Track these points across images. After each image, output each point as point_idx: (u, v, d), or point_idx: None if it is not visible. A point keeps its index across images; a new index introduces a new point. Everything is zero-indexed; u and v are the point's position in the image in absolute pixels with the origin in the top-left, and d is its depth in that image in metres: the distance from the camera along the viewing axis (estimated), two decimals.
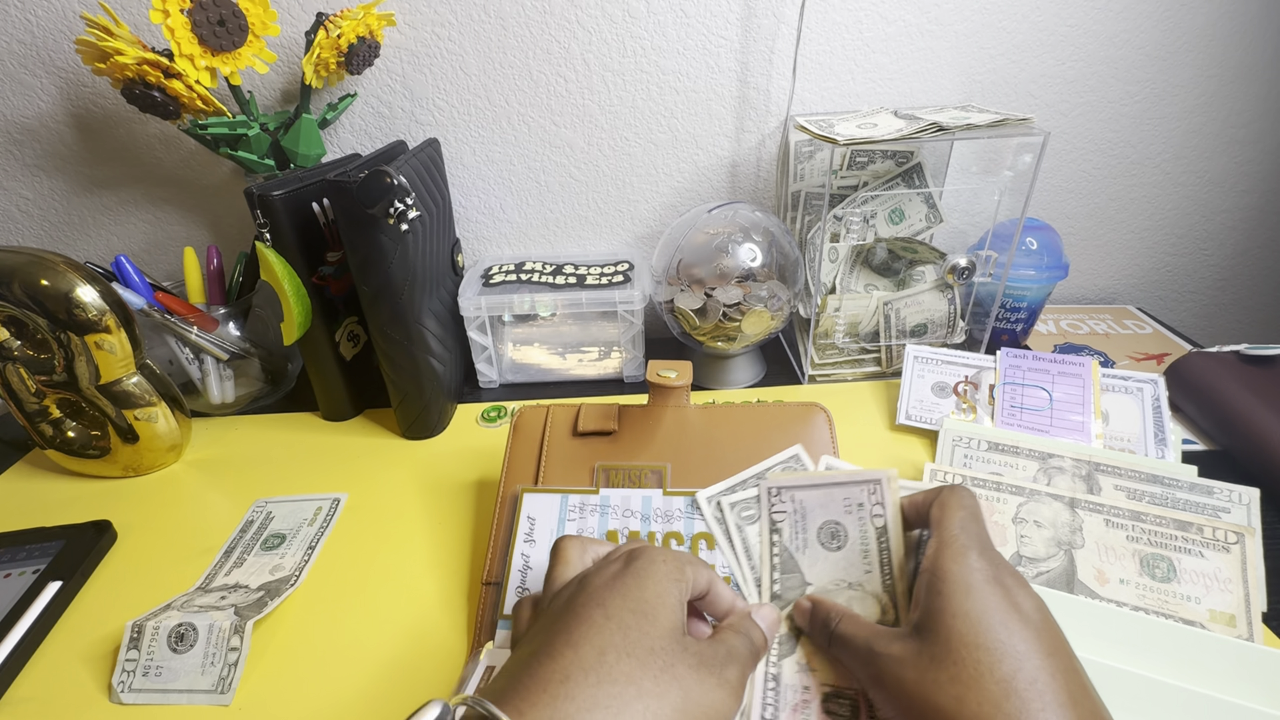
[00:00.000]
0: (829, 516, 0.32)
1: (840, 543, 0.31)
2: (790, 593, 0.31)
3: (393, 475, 0.53)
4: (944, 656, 0.23)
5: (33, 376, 0.50)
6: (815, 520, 0.32)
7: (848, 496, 0.31)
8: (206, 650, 0.36)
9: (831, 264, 0.64)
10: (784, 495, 0.33)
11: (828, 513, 0.32)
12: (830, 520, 0.32)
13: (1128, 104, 0.68)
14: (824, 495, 0.32)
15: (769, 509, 0.33)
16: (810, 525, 0.32)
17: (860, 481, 0.31)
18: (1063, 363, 0.53)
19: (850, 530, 0.31)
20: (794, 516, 0.32)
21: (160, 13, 0.48)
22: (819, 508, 0.32)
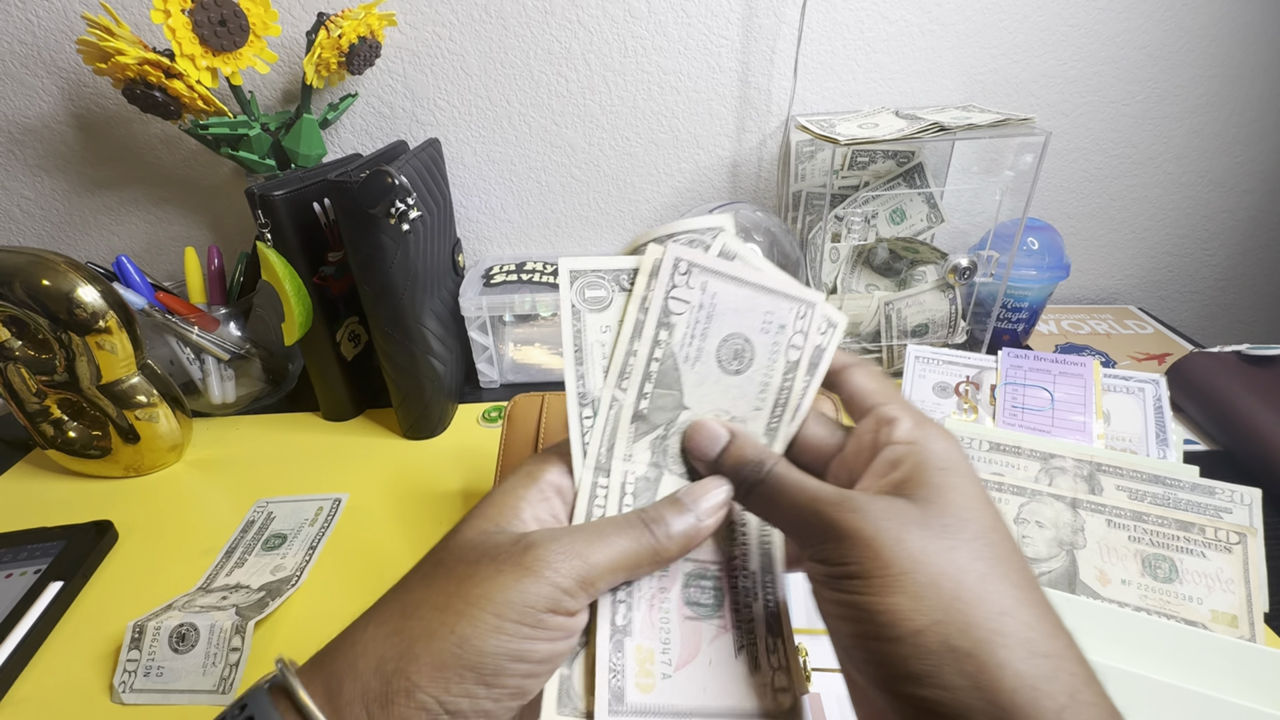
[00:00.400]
0: (740, 328, 0.24)
1: (740, 366, 0.24)
2: (659, 415, 0.23)
3: (394, 475, 0.53)
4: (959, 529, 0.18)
5: (34, 376, 0.50)
6: (722, 327, 0.24)
7: (770, 311, 0.24)
8: (208, 650, 0.36)
9: (833, 264, 0.64)
10: (694, 278, 0.23)
11: (741, 322, 0.24)
12: (739, 334, 0.24)
13: (1129, 104, 0.68)
14: (745, 298, 0.24)
15: (667, 289, 0.23)
16: (714, 332, 0.24)
17: (792, 297, 0.24)
18: (1064, 363, 0.53)
19: (758, 354, 0.24)
20: (697, 313, 0.23)
21: (161, 13, 0.49)
22: (733, 313, 0.23)
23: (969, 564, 0.17)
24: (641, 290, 0.23)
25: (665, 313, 0.23)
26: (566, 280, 0.23)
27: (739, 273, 0.23)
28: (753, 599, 0.24)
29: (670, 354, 0.23)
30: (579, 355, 0.23)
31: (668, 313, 0.23)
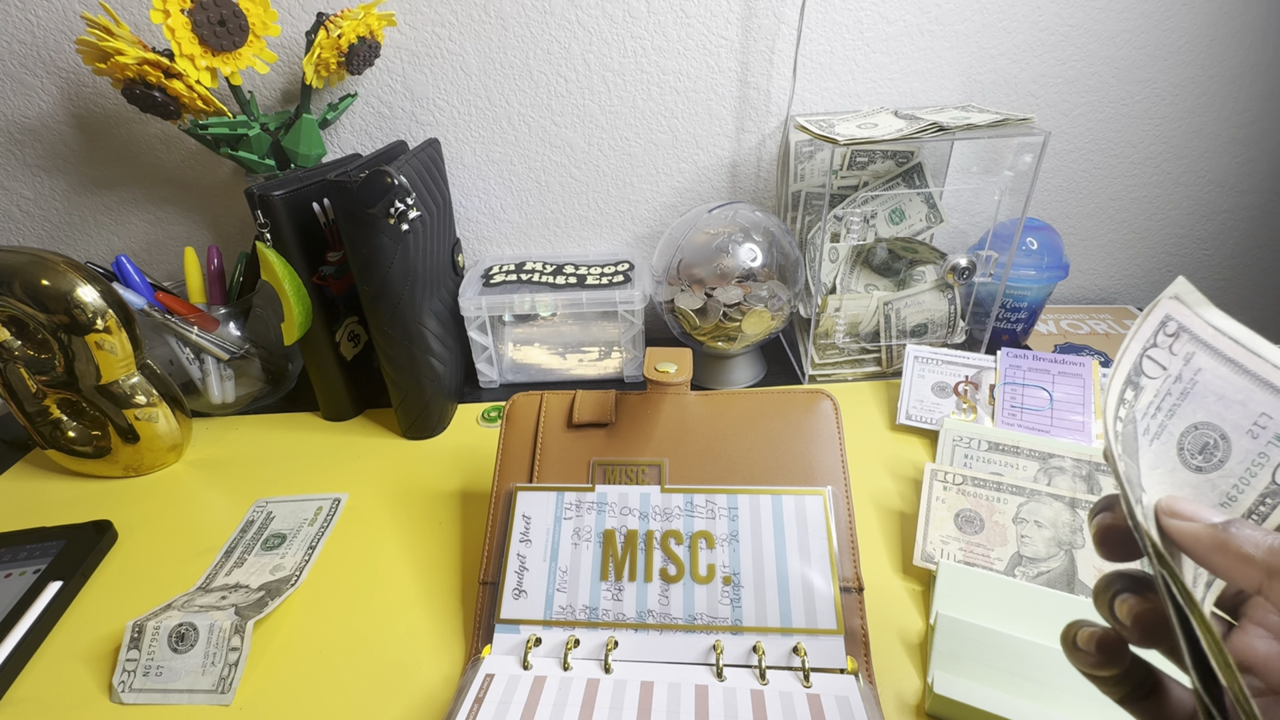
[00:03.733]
0: (1217, 419, 0.19)
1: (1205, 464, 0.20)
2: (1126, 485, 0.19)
3: (393, 475, 0.53)
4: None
5: (33, 376, 0.50)
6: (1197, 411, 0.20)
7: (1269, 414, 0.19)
8: (207, 650, 0.36)
9: (832, 264, 0.64)
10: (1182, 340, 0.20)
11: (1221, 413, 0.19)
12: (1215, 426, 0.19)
13: (1128, 104, 0.68)
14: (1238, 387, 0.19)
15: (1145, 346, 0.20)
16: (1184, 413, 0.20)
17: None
18: (1063, 363, 0.53)
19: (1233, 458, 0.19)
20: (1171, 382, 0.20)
21: (161, 13, 0.49)
22: (1214, 398, 0.19)
23: None
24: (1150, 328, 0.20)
25: (1136, 370, 0.20)
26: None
27: (1238, 355, 0.19)
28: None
29: (1132, 419, 0.20)
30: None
31: (1139, 371, 0.20)
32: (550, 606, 0.36)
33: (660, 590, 0.36)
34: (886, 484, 0.49)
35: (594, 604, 0.36)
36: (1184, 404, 0.20)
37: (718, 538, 0.37)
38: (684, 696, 0.32)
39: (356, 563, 0.44)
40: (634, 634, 0.35)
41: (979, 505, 0.42)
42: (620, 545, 0.38)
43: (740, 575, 0.36)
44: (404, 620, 0.40)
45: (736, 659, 0.34)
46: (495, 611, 0.37)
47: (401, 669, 0.37)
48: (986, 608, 0.36)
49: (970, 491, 0.42)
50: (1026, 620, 0.35)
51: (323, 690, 0.36)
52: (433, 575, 0.43)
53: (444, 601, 0.41)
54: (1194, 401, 0.20)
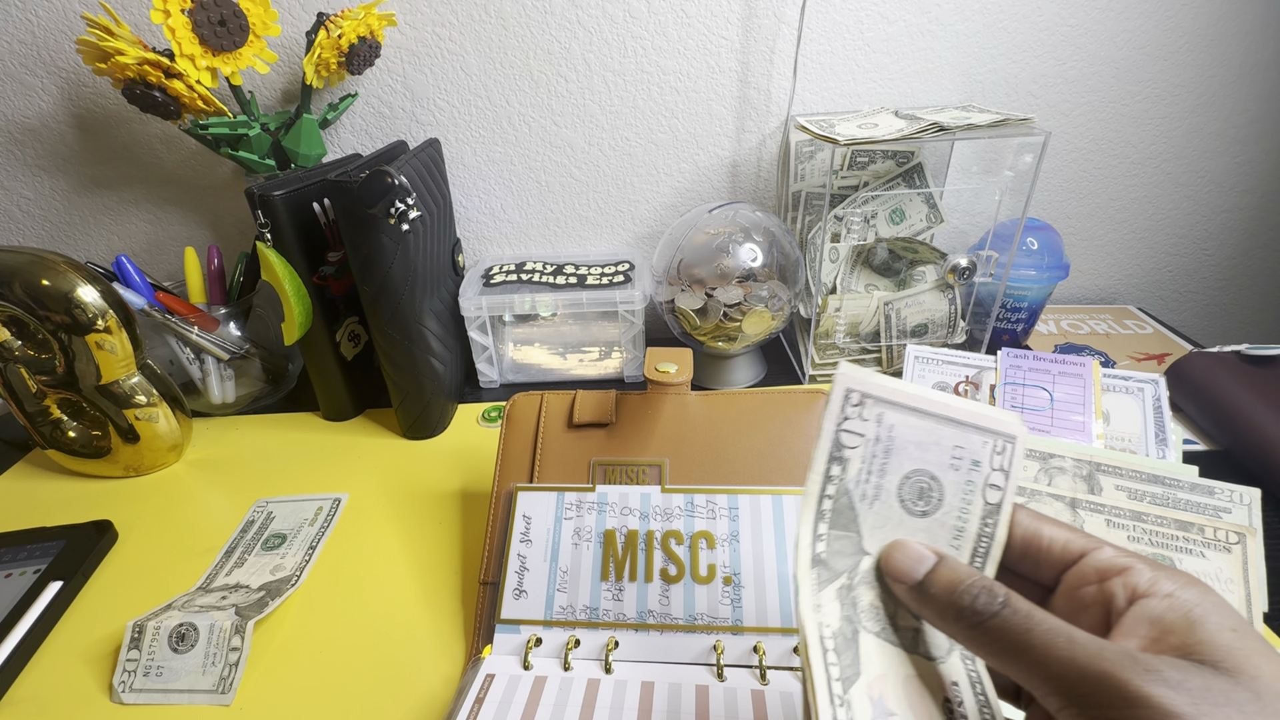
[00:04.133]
0: (924, 465, 0.21)
1: (927, 507, 0.21)
2: (839, 561, 0.21)
3: (393, 475, 0.53)
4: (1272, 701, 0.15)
5: (33, 376, 0.50)
6: (904, 463, 0.21)
7: (961, 445, 0.21)
8: (207, 650, 0.36)
9: (832, 264, 0.64)
10: (869, 409, 0.21)
11: (926, 459, 0.21)
12: (923, 470, 0.21)
13: (1129, 104, 0.68)
14: (929, 431, 0.21)
15: (837, 423, 0.21)
16: (894, 469, 0.21)
17: (988, 431, 0.21)
18: (1063, 363, 0.53)
19: (947, 493, 0.21)
20: (873, 447, 0.21)
21: (161, 13, 0.49)
22: (915, 447, 0.21)
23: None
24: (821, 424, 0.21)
25: (837, 446, 0.21)
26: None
27: (920, 403, 0.21)
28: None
29: (845, 491, 0.21)
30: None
31: (839, 446, 0.21)
32: (551, 607, 0.36)
33: (661, 590, 0.36)
34: None
35: (594, 604, 0.36)
36: (890, 460, 0.21)
37: (718, 538, 0.37)
38: (684, 696, 0.32)
39: (357, 563, 0.44)
40: (634, 634, 0.35)
41: None
42: (621, 545, 0.38)
43: (741, 575, 0.36)
44: (404, 620, 0.40)
45: (737, 659, 0.34)
46: (495, 612, 0.37)
47: (402, 669, 0.37)
48: None
49: None
50: None
51: (323, 690, 0.36)
52: (433, 575, 0.43)
53: (444, 602, 0.41)
54: (898, 455, 0.21)
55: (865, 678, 0.19)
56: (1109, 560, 0.18)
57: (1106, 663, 0.16)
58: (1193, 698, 0.15)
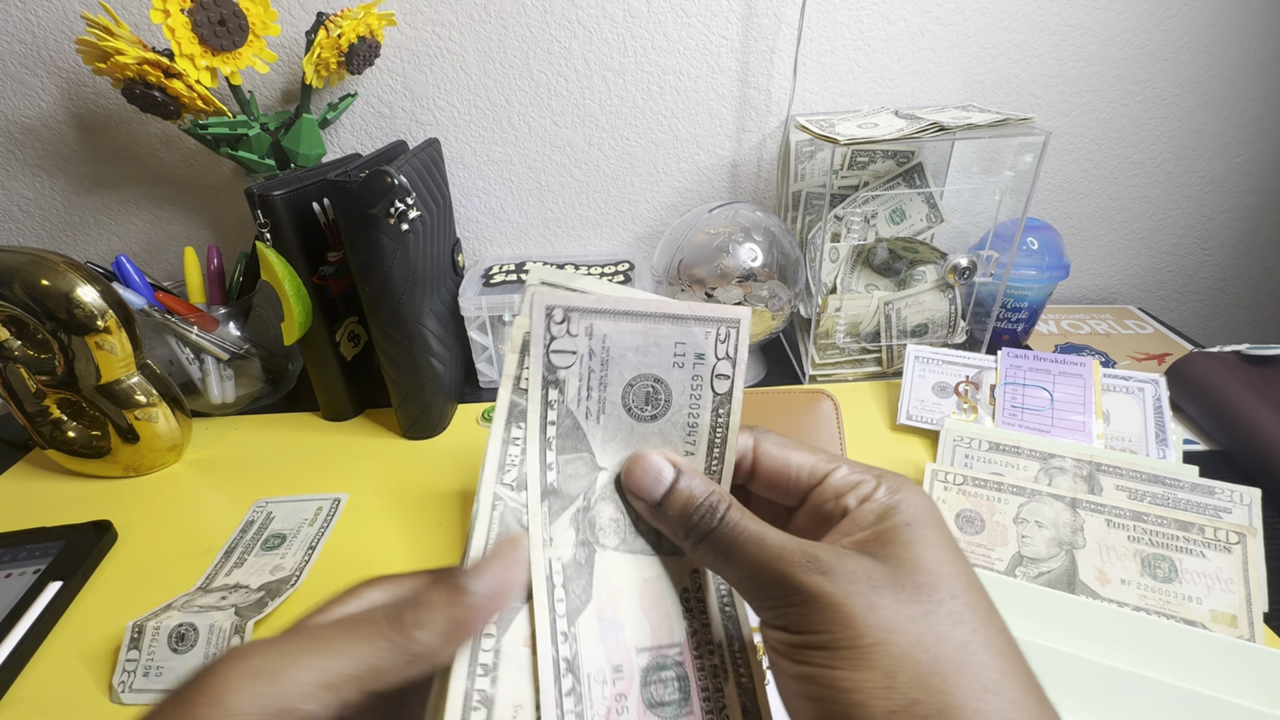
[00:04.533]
0: (646, 369, 0.20)
1: (656, 410, 0.21)
2: (573, 485, 0.20)
3: (393, 475, 0.53)
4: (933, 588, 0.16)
5: (33, 376, 0.50)
6: (624, 371, 0.20)
7: (682, 341, 0.20)
8: (207, 650, 0.36)
9: (832, 264, 0.64)
10: (575, 322, 0.20)
11: (646, 362, 0.20)
12: (646, 375, 0.20)
13: (1129, 103, 0.68)
14: (644, 333, 0.20)
15: (545, 343, 0.20)
16: (614, 379, 0.20)
17: (708, 319, 0.20)
18: (1064, 363, 0.53)
19: (675, 393, 0.21)
20: (589, 362, 0.20)
21: (161, 12, 0.48)
22: (634, 352, 0.20)
23: (947, 631, 0.16)
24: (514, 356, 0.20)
25: (550, 369, 0.20)
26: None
27: (631, 305, 0.20)
28: (724, 679, 0.20)
29: (567, 413, 0.20)
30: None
31: (551, 369, 0.20)
32: None
33: None
34: None
35: None
36: (610, 370, 0.20)
37: None
38: None
39: (356, 563, 0.44)
40: None
41: (980, 505, 0.42)
42: None
43: None
44: None
45: None
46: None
47: None
48: None
49: (971, 492, 0.42)
50: (1027, 621, 0.35)
51: None
52: None
53: None
54: (616, 365, 0.20)
55: (596, 600, 0.19)
56: (844, 477, 0.20)
57: (782, 560, 0.17)
58: (846, 582, 0.16)
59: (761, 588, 0.18)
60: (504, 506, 0.20)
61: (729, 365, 0.21)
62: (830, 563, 0.17)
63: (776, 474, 0.21)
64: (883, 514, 0.18)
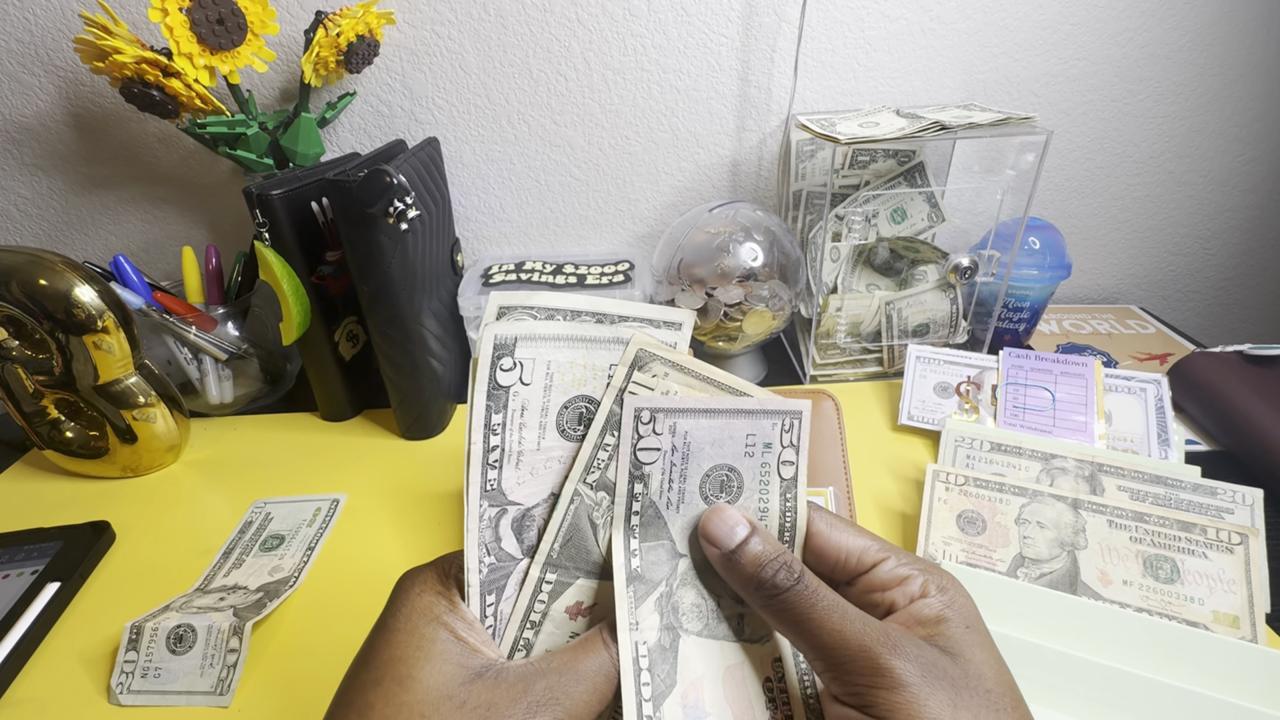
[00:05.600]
0: (722, 459, 0.22)
1: (730, 496, 0.22)
2: (654, 571, 0.21)
3: (392, 476, 0.53)
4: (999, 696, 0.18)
5: (31, 377, 0.50)
6: (702, 463, 0.22)
7: (752, 432, 0.22)
8: (205, 652, 0.36)
9: (833, 263, 0.64)
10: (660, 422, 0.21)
11: (721, 453, 0.22)
12: (721, 465, 0.22)
13: (1131, 102, 0.68)
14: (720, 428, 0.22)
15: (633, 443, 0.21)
16: (694, 470, 0.22)
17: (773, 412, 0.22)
18: (1065, 363, 0.52)
19: (746, 480, 0.22)
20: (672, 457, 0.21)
21: (159, 11, 0.48)
22: (711, 446, 0.22)
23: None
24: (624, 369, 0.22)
25: (636, 465, 0.21)
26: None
27: (706, 403, 0.21)
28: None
29: (650, 504, 0.22)
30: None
31: (639, 465, 0.21)
32: None
33: None
34: (888, 485, 0.49)
35: None
36: (690, 463, 0.22)
37: None
38: None
39: (355, 564, 0.44)
40: None
41: (981, 506, 0.41)
42: None
43: None
44: None
45: None
46: None
47: None
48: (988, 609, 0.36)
49: (972, 492, 0.42)
50: (1028, 622, 0.35)
51: (321, 692, 0.36)
52: None
53: None
54: (695, 458, 0.22)
55: (680, 686, 0.20)
56: (892, 570, 0.21)
57: (866, 637, 0.18)
58: (921, 670, 0.18)
59: (841, 661, 0.18)
60: (580, 503, 0.21)
61: (794, 453, 0.22)
62: (913, 651, 0.18)
63: (825, 553, 0.22)
64: (940, 615, 0.20)
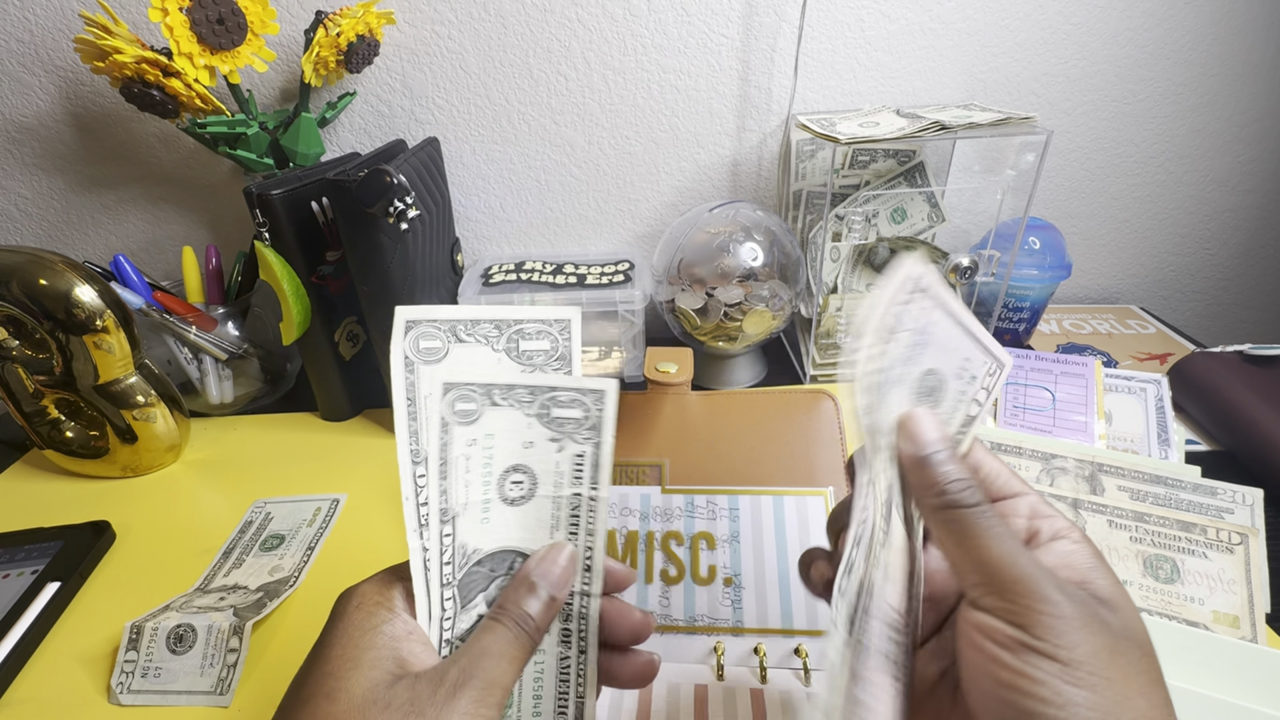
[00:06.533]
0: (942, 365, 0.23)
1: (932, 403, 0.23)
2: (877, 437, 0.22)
3: (392, 476, 0.52)
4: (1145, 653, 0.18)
5: (31, 376, 0.50)
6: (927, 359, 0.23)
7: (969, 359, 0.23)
8: (205, 651, 0.36)
9: (833, 263, 0.64)
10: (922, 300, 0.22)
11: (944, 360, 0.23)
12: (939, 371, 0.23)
13: (1131, 102, 0.68)
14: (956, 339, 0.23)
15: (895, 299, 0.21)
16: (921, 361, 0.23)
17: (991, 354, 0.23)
18: (1065, 363, 0.52)
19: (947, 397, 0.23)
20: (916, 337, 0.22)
21: (159, 11, 0.48)
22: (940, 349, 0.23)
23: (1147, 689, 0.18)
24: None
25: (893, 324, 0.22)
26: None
27: (958, 310, 0.23)
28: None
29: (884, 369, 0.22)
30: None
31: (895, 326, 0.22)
32: None
33: (661, 592, 0.36)
34: None
35: None
36: (924, 352, 0.22)
37: (718, 539, 0.37)
38: (683, 695, 0.32)
39: (355, 564, 0.44)
40: None
41: None
42: (620, 546, 0.38)
43: (741, 576, 0.36)
44: None
45: (737, 660, 0.34)
46: None
47: None
48: None
49: None
50: None
51: None
52: None
53: None
54: (929, 349, 0.22)
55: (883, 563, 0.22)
56: (1035, 505, 0.22)
57: (1034, 567, 0.19)
58: (1083, 610, 0.18)
59: (1008, 581, 0.19)
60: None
61: (984, 395, 0.24)
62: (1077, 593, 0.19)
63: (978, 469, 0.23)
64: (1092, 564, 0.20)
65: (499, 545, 0.23)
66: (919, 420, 0.21)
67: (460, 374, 0.23)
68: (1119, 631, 0.18)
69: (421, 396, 0.23)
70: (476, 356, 0.23)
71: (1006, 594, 0.19)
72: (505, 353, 0.24)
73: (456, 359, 0.23)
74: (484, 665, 0.20)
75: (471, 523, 0.23)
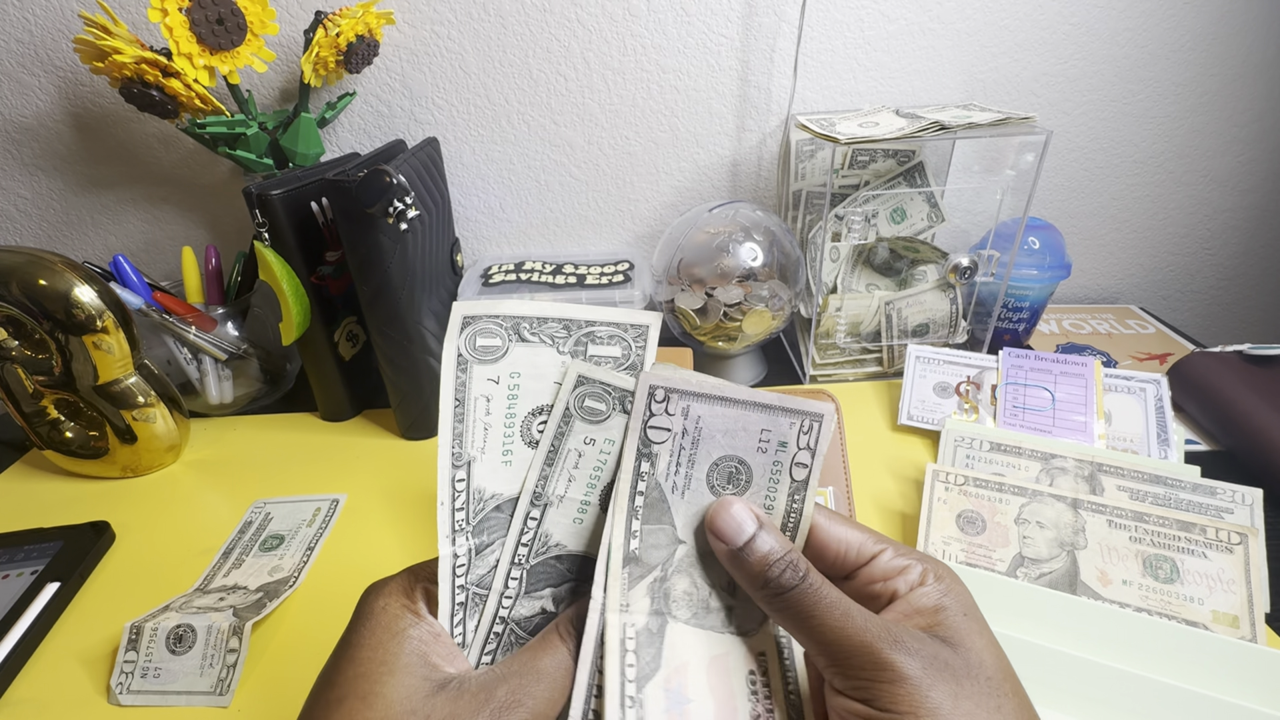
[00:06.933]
0: (733, 450, 0.22)
1: (737, 489, 0.22)
2: (653, 555, 0.21)
3: (392, 476, 0.53)
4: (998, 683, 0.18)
5: (30, 377, 0.50)
6: (712, 451, 0.22)
7: (768, 428, 0.21)
8: (205, 652, 0.36)
9: (833, 263, 0.64)
10: (674, 403, 0.21)
11: (733, 445, 0.22)
12: (733, 456, 0.22)
13: (1130, 102, 0.68)
14: (735, 418, 0.21)
15: (644, 419, 0.21)
16: (703, 457, 0.22)
17: (792, 411, 0.21)
18: (1065, 363, 0.52)
19: (755, 475, 0.22)
20: (681, 440, 0.22)
21: (158, 11, 0.48)
22: (723, 435, 0.22)
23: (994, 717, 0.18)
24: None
25: (645, 443, 0.21)
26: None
27: (724, 391, 0.21)
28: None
29: (655, 485, 0.22)
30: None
31: (647, 443, 0.21)
32: None
33: None
34: (888, 484, 0.49)
35: None
36: (699, 449, 0.22)
37: None
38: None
39: (355, 564, 0.44)
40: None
41: (981, 506, 0.41)
42: None
43: None
44: None
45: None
46: None
47: None
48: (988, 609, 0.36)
49: (972, 492, 0.42)
50: (1028, 622, 0.35)
51: None
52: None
53: None
54: (705, 444, 0.22)
55: (664, 670, 0.20)
56: (890, 561, 0.21)
57: (869, 634, 0.18)
58: (923, 663, 0.18)
59: (844, 657, 0.18)
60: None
61: (809, 455, 0.22)
62: (915, 645, 0.18)
63: (826, 547, 0.22)
64: (939, 604, 0.20)
65: (575, 547, 0.22)
66: (717, 514, 0.21)
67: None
68: (961, 671, 0.18)
69: (471, 398, 0.21)
70: (539, 358, 0.22)
71: (848, 670, 0.18)
72: (571, 355, 0.22)
73: (517, 360, 0.22)
74: (536, 693, 0.19)
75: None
